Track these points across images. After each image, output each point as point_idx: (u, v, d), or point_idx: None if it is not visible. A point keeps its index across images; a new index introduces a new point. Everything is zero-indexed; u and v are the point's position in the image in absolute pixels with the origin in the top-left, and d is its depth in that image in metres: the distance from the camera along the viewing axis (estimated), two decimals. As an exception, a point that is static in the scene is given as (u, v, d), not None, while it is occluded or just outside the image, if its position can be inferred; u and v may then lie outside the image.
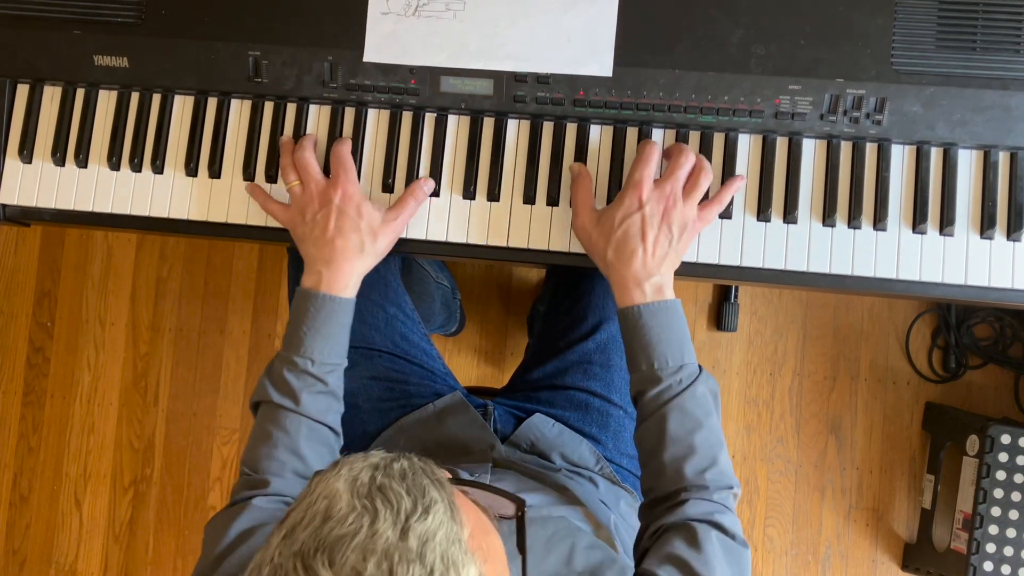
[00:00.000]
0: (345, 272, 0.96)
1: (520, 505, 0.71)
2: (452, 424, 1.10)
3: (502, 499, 0.72)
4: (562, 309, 1.18)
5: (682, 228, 0.93)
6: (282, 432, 0.93)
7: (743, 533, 0.87)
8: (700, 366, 0.93)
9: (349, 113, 1.05)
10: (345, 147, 1.00)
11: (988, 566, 1.48)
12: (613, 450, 1.11)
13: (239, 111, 1.07)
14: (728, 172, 1.00)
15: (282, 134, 1.05)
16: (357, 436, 1.12)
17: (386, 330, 1.14)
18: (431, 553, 0.54)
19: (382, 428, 1.11)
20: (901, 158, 0.99)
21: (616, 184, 1.01)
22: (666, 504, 0.89)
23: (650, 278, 0.91)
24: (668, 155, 0.96)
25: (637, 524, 0.94)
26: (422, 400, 1.12)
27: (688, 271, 1.01)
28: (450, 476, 0.64)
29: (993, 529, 1.48)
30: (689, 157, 0.94)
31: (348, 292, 0.96)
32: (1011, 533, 1.48)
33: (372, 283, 1.13)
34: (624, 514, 1.04)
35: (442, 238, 1.03)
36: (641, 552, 0.86)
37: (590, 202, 0.97)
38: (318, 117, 1.05)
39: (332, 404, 0.97)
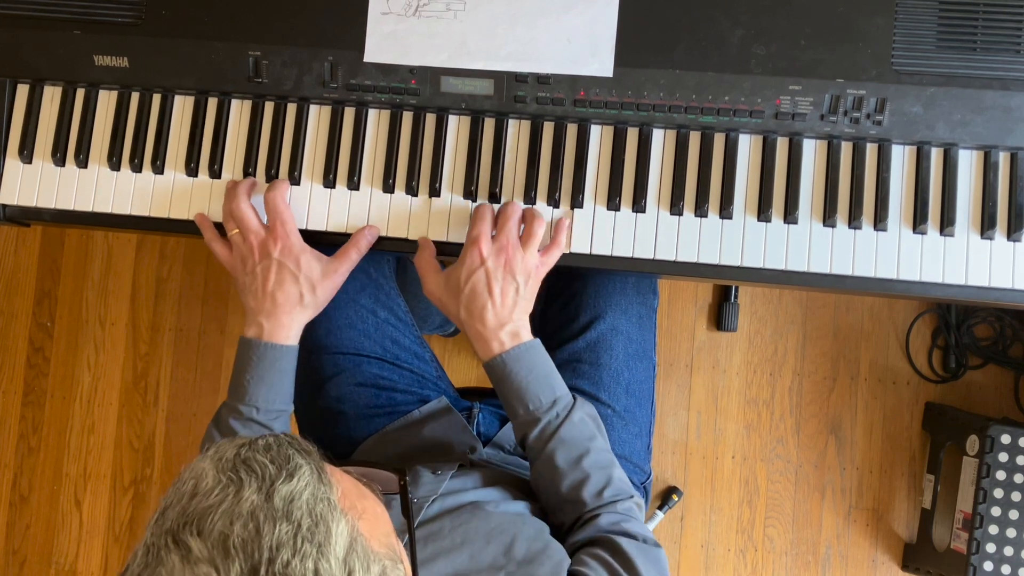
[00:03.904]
0: (285, 324, 0.98)
1: (401, 475, 0.74)
2: (435, 428, 1.11)
3: (385, 474, 0.74)
4: (555, 309, 1.19)
5: (526, 275, 0.96)
6: None
7: (653, 535, 0.93)
8: (573, 395, 0.97)
9: (349, 113, 1.05)
10: (278, 195, 0.99)
11: (988, 566, 1.48)
12: None
13: (239, 111, 1.06)
14: (728, 172, 1.00)
15: (282, 135, 1.05)
16: (343, 444, 1.12)
17: (376, 335, 1.14)
18: (298, 510, 0.55)
19: (367, 435, 1.11)
20: (901, 158, 0.99)
21: (616, 186, 1.01)
22: (576, 526, 0.92)
23: (504, 327, 0.95)
24: (498, 214, 0.99)
25: None
26: (408, 407, 1.13)
27: (688, 271, 1.01)
28: (325, 455, 0.66)
29: (993, 529, 1.48)
30: (516, 206, 0.97)
31: (290, 340, 0.98)
32: (1011, 533, 1.48)
33: (363, 287, 1.13)
34: None
35: (443, 238, 1.03)
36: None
37: (433, 266, 0.99)
38: (318, 117, 1.05)
39: None
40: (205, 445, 0.99)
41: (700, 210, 1.00)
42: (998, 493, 1.48)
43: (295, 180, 1.05)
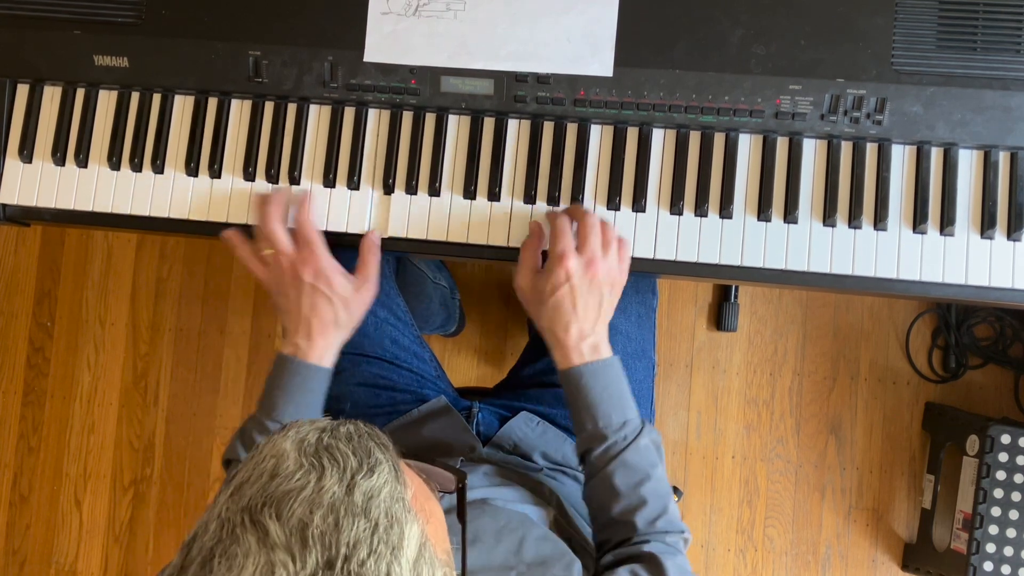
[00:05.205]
0: (321, 346, 0.98)
1: (460, 477, 0.73)
2: (435, 428, 1.11)
3: (444, 473, 0.73)
4: None
5: (611, 285, 0.96)
6: None
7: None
8: (643, 420, 0.96)
9: (349, 113, 1.05)
10: (305, 216, 0.99)
11: (988, 566, 1.48)
12: None
13: (239, 111, 1.06)
14: (728, 172, 1.00)
15: (283, 134, 1.05)
16: None
17: (375, 335, 1.13)
18: (376, 509, 0.55)
19: None
20: (901, 158, 0.99)
21: (616, 186, 1.01)
22: (622, 546, 0.92)
23: (585, 340, 0.95)
24: (571, 217, 0.98)
25: None
26: (408, 406, 1.13)
27: (688, 271, 1.01)
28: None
29: (993, 529, 1.48)
30: (594, 218, 0.96)
31: (325, 362, 0.99)
32: (1011, 533, 1.48)
33: None
34: None
35: (443, 238, 1.02)
36: None
37: (534, 264, 0.98)
38: (318, 117, 1.05)
39: None
40: (226, 458, 1.00)
41: (700, 210, 1.00)
42: (998, 493, 1.48)
43: (295, 180, 1.05)
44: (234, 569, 0.51)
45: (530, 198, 1.02)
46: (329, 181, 1.04)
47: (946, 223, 0.98)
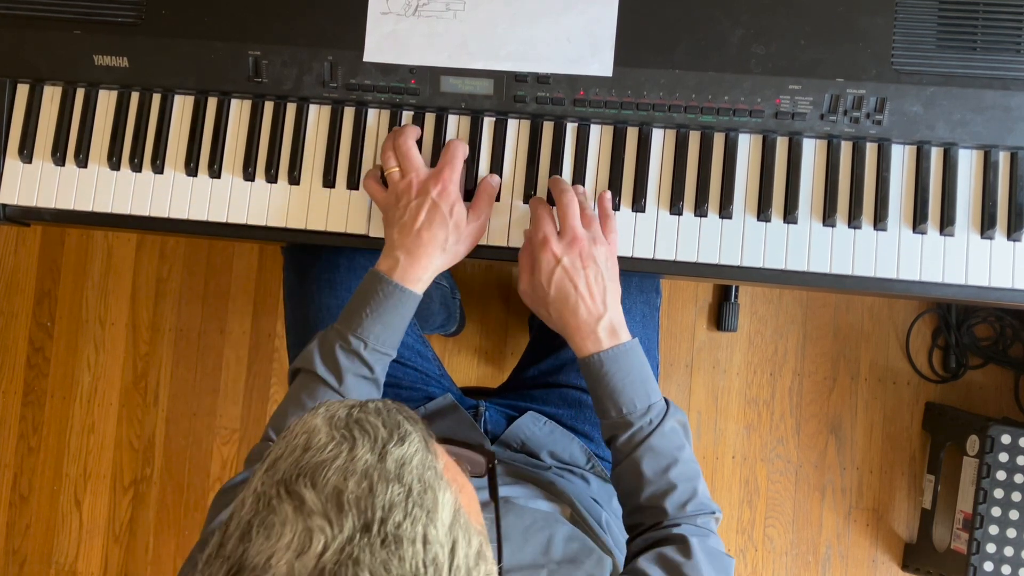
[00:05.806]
0: (422, 265, 0.96)
1: (490, 458, 0.73)
2: (441, 426, 1.10)
3: (473, 455, 0.73)
4: None
5: (604, 256, 0.95)
6: None
7: (726, 549, 0.91)
8: (667, 400, 0.95)
9: (349, 113, 1.05)
10: (461, 147, 1.01)
11: (988, 566, 1.48)
12: (605, 448, 1.12)
13: (239, 111, 1.07)
14: (728, 172, 1.00)
15: (282, 134, 1.05)
16: None
17: None
18: (408, 475, 0.56)
19: None
20: (901, 158, 0.99)
21: (616, 186, 1.01)
22: (652, 530, 0.91)
23: (599, 321, 0.93)
24: (552, 192, 0.99)
25: None
26: (413, 404, 1.12)
27: (688, 271, 1.01)
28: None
29: (993, 529, 1.48)
30: (570, 196, 0.96)
31: (419, 287, 0.97)
32: (1011, 533, 1.48)
33: None
34: (616, 511, 1.05)
35: (442, 238, 1.02)
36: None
37: (531, 266, 0.98)
38: (318, 117, 1.05)
39: (372, 393, 0.98)
40: (294, 367, 0.98)
41: (700, 210, 1.00)
42: (998, 493, 1.48)
43: (295, 180, 1.05)
44: (272, 538, 0.52)
45: (530, 198, 1.02)
46: (329, 181, 1.04)
47: (946, 223, 0.98)
